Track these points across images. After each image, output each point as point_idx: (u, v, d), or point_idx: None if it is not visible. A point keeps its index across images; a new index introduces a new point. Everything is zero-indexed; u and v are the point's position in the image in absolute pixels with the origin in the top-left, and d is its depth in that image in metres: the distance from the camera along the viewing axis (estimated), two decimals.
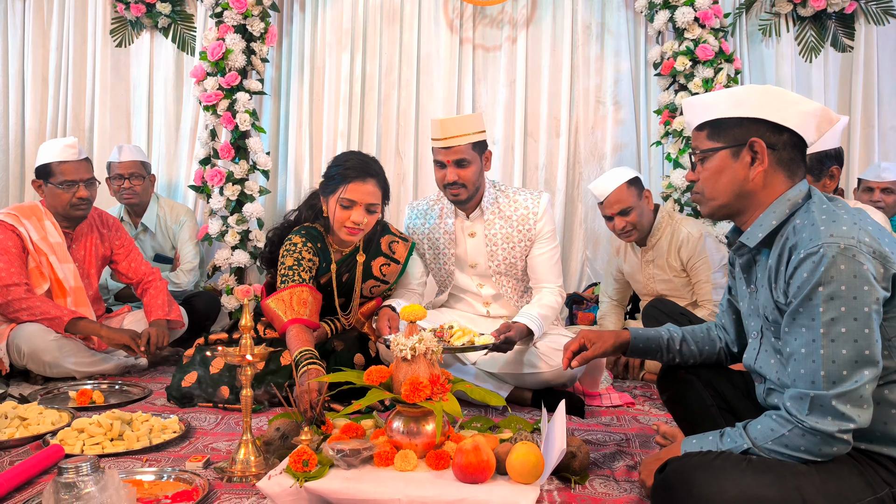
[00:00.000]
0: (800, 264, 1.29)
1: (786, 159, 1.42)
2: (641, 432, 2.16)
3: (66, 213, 2.81)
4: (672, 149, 3.62)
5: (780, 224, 1.40)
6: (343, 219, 2.40)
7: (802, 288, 1.28)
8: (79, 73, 4.06)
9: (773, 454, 1.30)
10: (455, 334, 2.27)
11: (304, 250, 2.43)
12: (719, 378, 1.73)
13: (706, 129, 1.46)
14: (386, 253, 2.60)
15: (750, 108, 1.40)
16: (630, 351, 1.80)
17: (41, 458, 1.76)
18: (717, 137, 1.44)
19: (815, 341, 1.27)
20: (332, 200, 2.42)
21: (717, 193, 1.47)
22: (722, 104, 1.44)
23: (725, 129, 1.43)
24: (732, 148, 1.42)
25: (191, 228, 3.59)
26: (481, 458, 1.57)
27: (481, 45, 3.98)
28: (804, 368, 1.28)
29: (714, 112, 1.45)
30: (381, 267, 2.58)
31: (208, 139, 3.68)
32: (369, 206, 2.41)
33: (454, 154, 2.44)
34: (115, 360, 2.85)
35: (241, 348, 1.76)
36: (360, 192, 2.39)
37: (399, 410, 1.74)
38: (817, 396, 1.26)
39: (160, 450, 1.94)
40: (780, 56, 3.83)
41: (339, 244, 2.54)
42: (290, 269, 2.40)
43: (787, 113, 1.39)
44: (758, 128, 1.41)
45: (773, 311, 1.40)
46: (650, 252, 2.97)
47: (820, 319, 1.26)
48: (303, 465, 1.56)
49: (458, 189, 2.49)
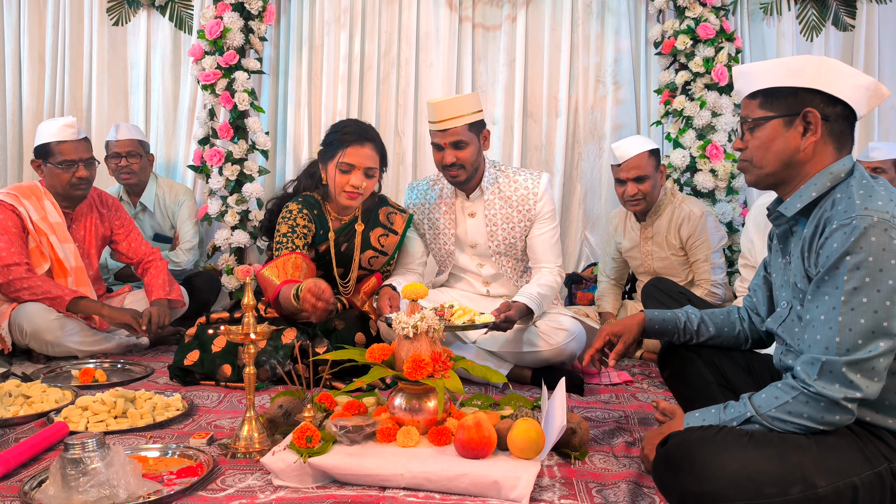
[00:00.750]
0: (831, 235, 1.30)
1: (837, 131, 1.41)
2: (640, 409, 2.18)
3: (66, 192, 2.80)
4: (672, 129, 3.61)
5: (819, 196, 1.39)
6: (343, 183, 2.44)
7: (831, 257, 1.29)
8: (76, 52, 4.03)
9: (775, 422, 1.32)
10: (455, 313, 2.29)
11: (299, 217, 2.48)
12: (720, 355, 1.74)
13: (759, 98, 1.45)
14: (384, 224, 2.63)
15: (806, 79, 1.39)
16: (646, 332, 1.80)
17: (46, 434, 1.77)
18: (770, 106, 1.43)
19: (834, 308, 1.27)
20: (331, 166, 2.46)
21: (766, 162, 1.45)
22: (776, 73, 1.42)
23: (779, 98, 1.42)
24: (786, 117, 1.41)
25: (190, 208, 3.59)
26: (483, 433, 1.58)
27: (481, 23, 3.95)
28: (820, 334, 1.29)
29: (767, 80, 1.43)
30: (379, 238, 2.61)
31: (207, 119, 3.67)
32: (367, 169, 2.45)
33: (451, 136, 2.44)
34: (117, 339, 2.85)
35: (243, 326, 1.77)
36: (359, 155, 2.44)
37: (401, 387, 1.75)
38: (828, 361, 1.27)
39: (164, 427, 1.96)
40: (780, 35, 3.81)
41: (339, 212, 2.57)
42: (285, 237, 2.45)
43: (841, 85, 1.38)
44: (812, 98, 1.39)
45: (802, 280, 1.41)
46: (650, 228, 2.97)
47: (843, 288, 1.26)
48: (306, 442, 1.58)
49: (456, 170, 2.49)
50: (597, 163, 3.97)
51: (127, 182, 3.45)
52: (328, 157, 2.48)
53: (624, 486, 1.56)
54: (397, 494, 1.52)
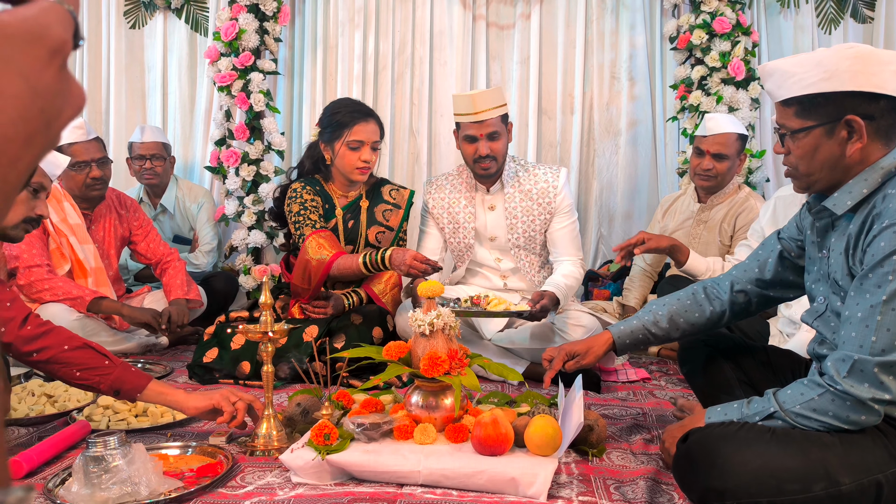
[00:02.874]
0: (880, 233, 1.25)
1: (884, 127, 1.33)
2: (658, 407, 2.16)
3: (83, 194, 2.83)
4: (688, 124, 3.58)
5: (870, 192, 1.33)
6: (354, 160, 2.53)
7: (876, 255, 1.24)
8: (94, 56, 4.07)
9: (799, 419, 1.29)
10: (491, 302, 2.32)
11: (304, 192, 2.56)
12: (740, 351, 1.72)
13: (794, 106, 1.36)
14: (387, 200, 2.70)
15: (843, 81, 1.30)
16: (620, 349, 1.77)
17: (69, 433, 1.79)
18: (808, 115, 1.35)
19: (873, 307, 1.23)
20: (338, 145, 2.54)
21: (813, 170, 1.38)
22: (809, 77, 1.31)
23: (816, 105, 1.32)
24: (826, 125, 1.33)
25: (209, 210, 3.61)
26: (500, 430, 1.58)
27: (495, 22, 3.94)
28: (856, 332, 1.25)
29: (801, 86, 1.33)
30: (384, 212, 2.67)
31: (223, 120, 3.69)
32: (374, 143, 2.55)
33: (487, 127, 2.46)
34: (137, 339, 2.88)
35: (261, 325, 1.78)
36: (365, 131, 2.52)
37: (418, 385, 1.75)
38: (861, 360, 1.23)
39: (184, 425, 1.97)
40: (798, 28, 3.76)
41: (343, 189, 2.65)
42: (300, 215, 2.53)
43: (881, 78, 1.29)
44: (852, 101, 1.30)
45: (844, 276, 1.35)
46: (707, 212, 2.93)
47: (886, 287, 1.22)
48: (324, 439, 1.58)
49: (489, 162, 2.51)
50: (613, 159, 3.95)
51: (150, 183, 3.49)
52: (334, 137, 2.54)
53: (642, 482, 1.55)
54: (415, 491, 1.52)
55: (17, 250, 2.68)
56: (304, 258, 2.47)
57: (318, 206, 2.57)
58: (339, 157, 2.55)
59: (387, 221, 2.67)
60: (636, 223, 3.92)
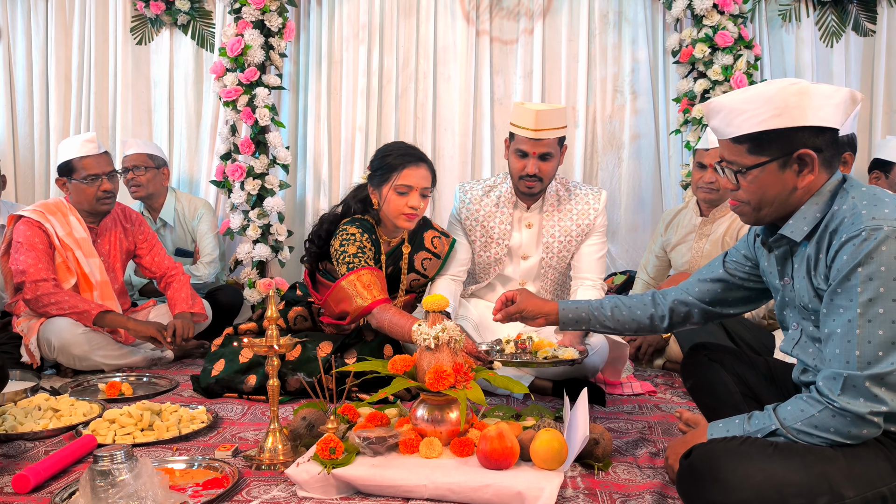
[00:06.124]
0: (841, 248, 1.28)
1: (829, 158, 1.38)
2: (663, 420, 2.17)
3: (93, 207, 2.85)
4: (692, 137, 3.60)
5: (822, 215, 1.37)
6: (401, 205, 2.41)
7: (842, 270, 1.27)
8: (101, 72, 4.11)
9: (801, 436, 1.30)
10: (536, 342, 2.14)
11: (363, 239, 2.43)
12: (743, 365, 1.73)
13: (746, 143, 1.39)
14: (429, 248, 2.61)
15: (793, 117, 1.33)
16: (561, 322, 1.86)
17: (75, 447, 1.80)
18: (762, 151, 1.38)
19: (850, 321, 1.26)
20: (385, 189, 2.43)
21: (765, 204, 1.41)
22: (760, 113, 1.35)
23: (769, 141, 1.36)
24: (780, 160, 1.37)
25: (209, 221, 3.62)
26: (505, 444, 1.59)
27: (498, 37, 3.97)
28: (839, 348, 1.28)
29: (752, 124, 1.36)
30: (423, 261, 2.59)
31: (228, 134, 3.72)
32: (423, 189, 2.44)
33: (542, 147, 2.42)
34: (143, 352, 2.89)
35: (267, 339, 1.79)
36: (416, 176, 2.41)
37: (423, 399, 1.76)
38: (850, 377, 1.25)
39: (189, 439, 1.98)
40: (800, 41, 3.79)
41: (388, 235, 2.56)
42: (356, 257, 2.37)
43: (825, 112, 1.34)
44: (802, 135, 1.35)
45: (812, 299, 1.38)
46: (709, 226, 2.93)
47: (857, 300, 1.25)
48: (330, 453, 1.59)
49: (534, 182, 2.48)
50: (616, 172, 3.96)
51: (135, 195, 3.49)
52: (382, 181, 2.43)
53: (648, 496, 1.55)
54: None
55: (23, 265, 2.71)
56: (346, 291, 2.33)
57: (372, 255, 2.43)
58: (385, 202, 2.43)
59: (424, 270, 2.60)
60: (640, 236, 3.94)
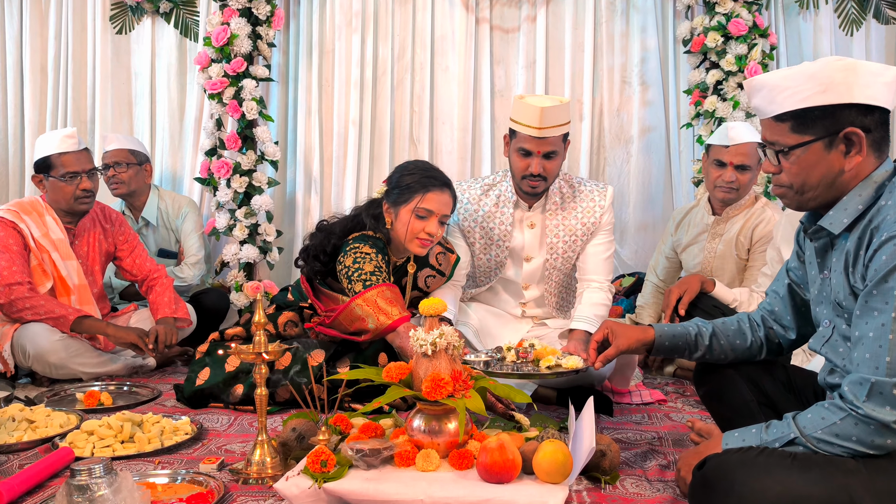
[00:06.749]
0: (881, 247, 1.28)
1: (878, 139, 1.38)
2: (674, 430, 2.16)
3: (70, 207, 2.85)
4: (703, 131, 3.60)
5: (865, 208, 1.37)
6: (417, 230, 2.40)
7: (879, 271, 1.27)
8: (79, 63, 4.11)
9: (821, 444, 1.30)
10: (538, 354, 2.10)
11: (379, 259, 2.42)
12: (760, 372, 1.72)
13: (789, 121, 1.39)
14: (433, 265, 2.61)
15: (839, 94, 1.34)
16: (655, 349, 1.80)
17: (51, 461, 1.80)
18: (805, 129, 1.38)
19: (884, 325, 1.26)
20: (404, 210, 2.42)
21: (809, 187, 1.41)
22: (802, 90, 1.35)
23: (814, 119, 1.37)
24: (825, 139, 1.37)
25: (194, 220, 3.62)
26: (507, 456, 1.58)
27: (499, 25, 3.97)
28: (869, 353, 1.27)
29: (796, 100, 1.37)
30: (426, 279, 2.60)
31: (214, 129, 3.72)
32: (443, 217, 2.43)
33: (546, 146, 2.41)
34: (123, 360, 2.89)
35: (255, 345, 1.79)
36: (439, 201, 2.41)
37: (420, 408, 1.75)
38: (878, 383, 1.25)
39: (172, 452, 1.98)
40: (818, 29, 3.79)
41: (396, 255, 2.56)
42: (373, 275, 2.35)
43: (874, 90, 1.34)
44: (849, 113, 1.35)
45: (847, 297, 1.38)
46: (723, 225, 2.93)
47: (893, 303, 1.25)
48: (321, 466, 1.59)
49: (538, 181, 2.47)
50: (624, 168, 3.97)
51: (117, 193, 3.49)
52: (402, 201, 2.42)
53: None
54: None
55: None
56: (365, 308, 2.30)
57: (386, 272, 2.43)
58: (400, 223, 2.43)
59: (427, 287, 2.60)
60: (650, 235, 3.93)
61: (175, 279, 3.34)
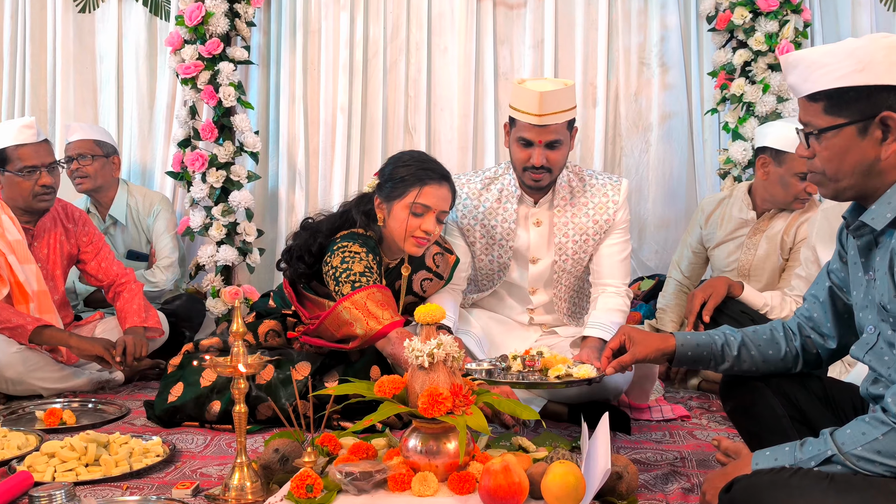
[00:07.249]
0: None
1: None
2: (699, 450, 2.17)
3: (28, 204, 2.85)
4: (730, 117, 3.60)
5: None
6: (413, 227, 2.40)
7: None
8: (38, 45, 4.11)
9: (861, 463, 1.30)
10: (548, 363, 2.08)
11: (369, 259, 2.42)
12: (792, 384, 1.72)
13: (822, 101, 1.41)
14: (430, 267, 2.60)
15: (877, 74, 1.34)
16: (677, 360, 1.79)
17: (8, 486, 1.79)
18: (839, 111, 1.39)
19: None
20: (398, 206, 2.42)
21: (843, 174, 1.42)
22: (841, 67, 1.36)
23: (848, 100, 1.38)
24: (859, 123, 1.38)
25: (166, 218, 3.62)
26: (512, 479, 1.59)
27: (503, 1, 3.97)
28: None
29: (831, 78, 1.38)
30: (422, 282, 2.60)
31: (187, 118, 3.72)
32: (441, 213, 2.44)
33: (549, 134, 2.41)
34: (87, 374, 2.89)
35: (232, 358, 1.79)
36: (437, 196, 2.41)
37: (416, 427, 1.76)
38: None
39: (142, 476, 1.98)
40: (857, 4, 3.79)
41: (389, 256, 2.56)
42: (363, 276, 2.35)
43: None
44: (887, 96, 1.35)
45: (892, 300, 1.38)
46: (767, 221, 2.93)
47: None
48: (306, 491, 1.59)
49: (541, 174, 2.46)
50: (643, 158, 3.97)
51: (81, 189, 3.49)
52: (396, 195, 2.42)
53: None
54: None
55: None
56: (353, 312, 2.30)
57: (378, 273, 2.43)
58: (394, 220, 2.43)
59: (423, 292, 2.60)
60: (671, 233, 3.93)
61: (145, 284, 3.34)
